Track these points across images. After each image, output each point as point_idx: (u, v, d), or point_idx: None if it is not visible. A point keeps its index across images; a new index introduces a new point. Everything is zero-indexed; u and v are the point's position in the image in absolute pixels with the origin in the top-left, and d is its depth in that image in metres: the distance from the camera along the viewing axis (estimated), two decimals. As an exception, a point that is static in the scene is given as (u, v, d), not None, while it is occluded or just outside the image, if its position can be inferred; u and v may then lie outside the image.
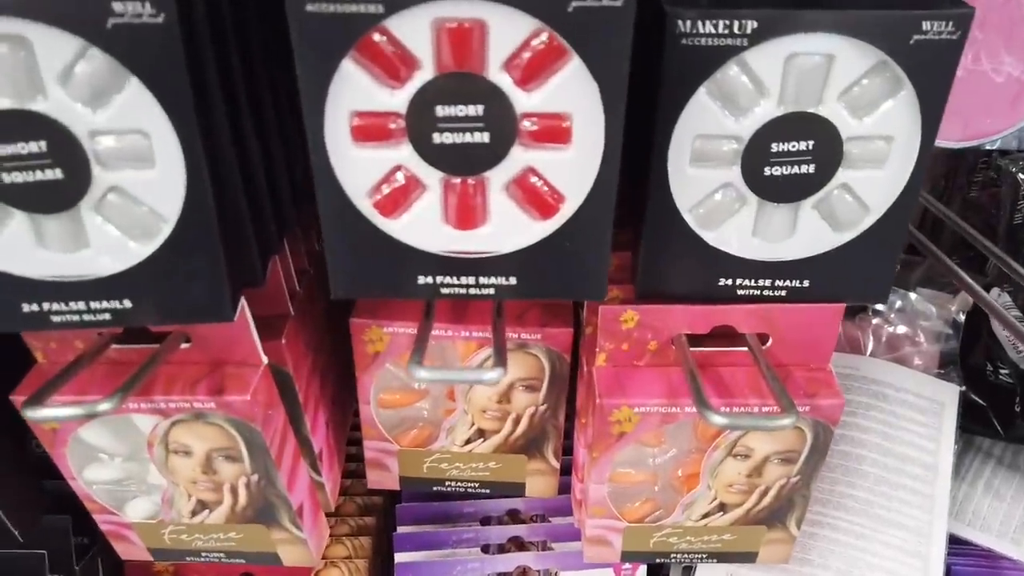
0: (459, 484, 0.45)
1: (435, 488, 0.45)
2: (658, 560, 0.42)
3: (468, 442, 0.43)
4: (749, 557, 0.42)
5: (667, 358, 0.36)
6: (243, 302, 0.32)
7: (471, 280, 0.30)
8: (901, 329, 0.57)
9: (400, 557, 0.49)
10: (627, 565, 0.50)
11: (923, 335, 0.59)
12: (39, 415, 0.29)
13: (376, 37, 0.25)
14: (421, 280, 0.30)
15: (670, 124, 0.29)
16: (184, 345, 0.34)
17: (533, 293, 0.31)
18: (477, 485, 0.45)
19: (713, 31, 0.27)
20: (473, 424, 0.42)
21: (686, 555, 0.42)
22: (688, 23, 0.27)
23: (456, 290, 0.30)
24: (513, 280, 0.30)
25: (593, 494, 0.39)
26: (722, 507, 0.39)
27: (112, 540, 0.41)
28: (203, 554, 0.41)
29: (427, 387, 0.41)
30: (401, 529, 0.51)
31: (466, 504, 0.53)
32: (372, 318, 0.38)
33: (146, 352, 0.35)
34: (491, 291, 0.30)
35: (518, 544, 0.51)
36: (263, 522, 0.39)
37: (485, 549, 0.51)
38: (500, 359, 0.31)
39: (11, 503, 0.39)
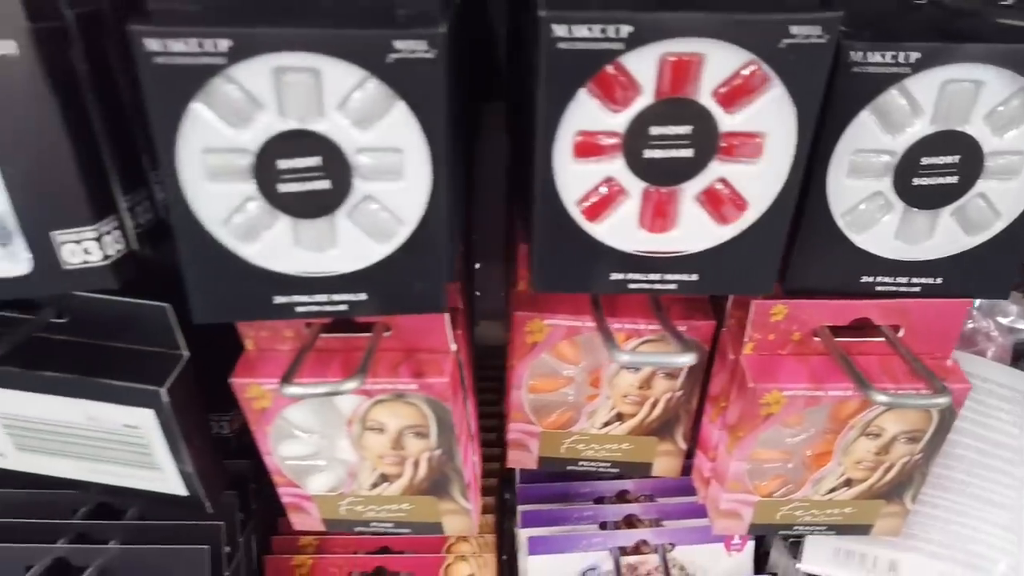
0: (591, 463, 0.49)
1: (568, 468, 0.50)
2: (781, 532, 0.47)
3: (606, 425, 0.47)
4: (864, 529, 0.46)
5: (808, 348, 0.40)
6: (442, 296, 0.37)
7: (656, 277, 0.34)
8: (979, 324, 0.61)
9: (527, 532, 0.53)
10: (736, 540, 0.54)
11: (998, 330, 0.63)
12: (293, 391, 0.34)
13: (610, 70, 0.29)
14: (613, 276, 0.34)
15: (833, 141, 0.34)
16: (384, 334, 0.39)
17: (711, 288, 0.35)
18: (608, 464, 0.49)
19: (881, 60, 0.32)
20: (614, 408, 0.46)
21: (808, 527, 0.46)
22: (860, 54, 0.31)
23: (642, 285, 0.35)
24: (695, 277, 0.34)
25: (733, 470, 0.43)
26: (848, 482, 0.43)
27: (290, 511, 0.46)
28: (372, 524, 0.46)
29: (574, 374, 0.45)
30: (523, 507, 0.55)
31: (582, 485, 0.57)
32: (535, 311, 0.42)
33: (347, 340, 0.39)
34: (673, 286, 0.35)
35: (632, 521, 0.55)
36: (435, 494, 0.43)
37: (603, 526, 0.55)
38: (683, 344, 0.35)
39: (207, 476, 0.43)
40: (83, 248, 0.31)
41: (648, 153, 0.31)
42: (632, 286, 0.35)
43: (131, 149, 0.34)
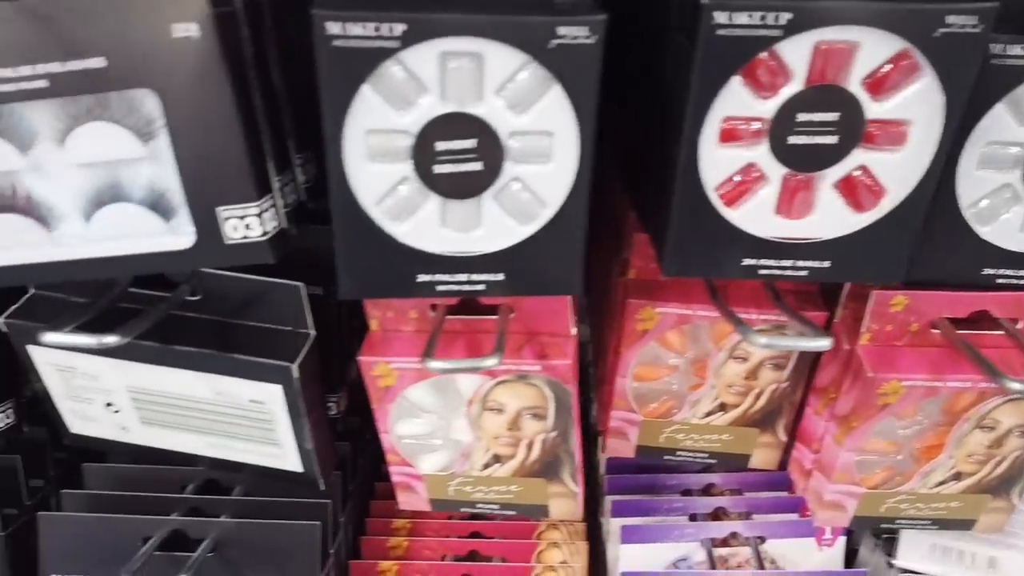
0: (689, 454, 0.50)
1: (665, 458, 0.50)
2: (883, 525, 0.47)
3: (708, 415, 0.48)
4: (967, 525, 0.46)
5: (925, 339, 0.40)
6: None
7: (788, 263, 0.35)
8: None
9: (619, 521, 0.54)
10: (828, 534, 0.54)
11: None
12: (436, 366, 0.35)
13: (764, 56, 0.30)
14: (746, 262, 0.35)
15: (967, 132, 0.34)
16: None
17: (842, 275, 0.35)
18: (706, 455, 0.50)
19: (1021, 53, 0.32)
20: (717, 398, 0.47)
21: (911, 521, 0.46)
22: (1000, 46, 0.32)
23: (773, 272, 0.35)
24: (827, 264, 0.35)
25: (842, 461, 0.43)
26: (957, 476, 0.44)
27: (398, 490, 0.47)
28: (478, 504, 0.47)
29: (679, 363, 0.46)
30: (613, 497, 0.56)
31: (669, 477, 0.57)
32: (648, 299, 0.43)
33: (468, 322, 0.40)
34: (804, 273, 0.35)
35: (719, 514, 0.56)
36: (545, 476, 0.44)
37: (692, 518, 0.55)
38: (814, 329, 0.36)
39: (323, 454, 0.45)
40: (245, 224, 0.33)
41: (792, 139, 0.32)
42: (763, 272, 0.35)
43: (282, 132, 0.35)
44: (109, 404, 0.44)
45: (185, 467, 0.50)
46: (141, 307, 0.40)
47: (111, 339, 0.35)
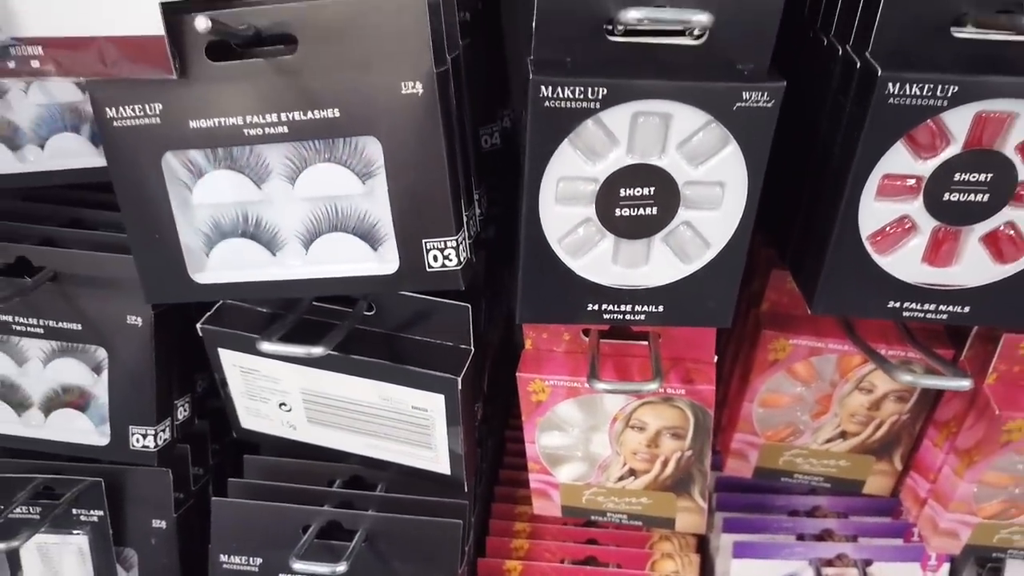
0: (806, 477, 0.53)
1: (782, 479, 0.53)
2: (995, 554, 0.49)
3: (828, 441, 0.50)
4: (1081, 560, 0.48)
5: (1051, 381, 0.43)
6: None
7: (931, 307, 0.38)
8: None
9: (730, 537, 0.57)
10: (932, 560, 0.56)
11: None
12: (601, 386, 0.39)
13: (930, 124, 0.33)
14: (891, 304, 0.38)
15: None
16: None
17: (981, 320, 0.38)
18: (821, 479, 0.53)
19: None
20: (839, 427, 0.49)
21: (1023, 551, 0.48)
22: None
23: (916, 314, 0.38)
24: (967, 309, 0.38)
25: (961, 492, 0.46)
26: (1076, 512, 0.46)
27: (535, 496, 0.51)
28: (608, 514, 0.50)
29: (805, 393, 0.49)
30: (724, 514, 0.59)
31: (777, 498, 0.60)
32: (782, 331, 0.46)
33: (616, 346, 0.44)
34: (944, 316, 0.38)
35: (824, 536, 0.58)
36: (675, 491, 0.48)
37: (799, 537, 0.58)
38: (954, 369, 0.38)
39: (470, 459, 0.49)
40: (444, 254, 0.37)
41: (947, 196, 0.35)
42: (907, 314, 0.38)
43: (469, 173, 0.40)
44: (283, 404, 0.49)
45: (333, 463, 0.55)
46: (323, 319, 0.46)
47: (318, 350, 0.40)
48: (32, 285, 0.46)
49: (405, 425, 0.47)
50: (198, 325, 0.47)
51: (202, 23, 0.31)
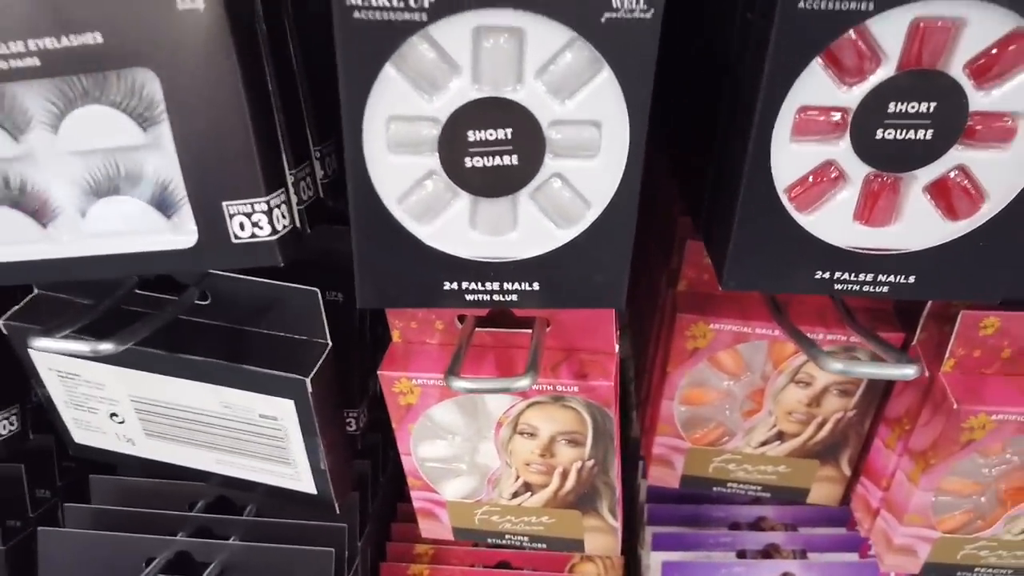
0: (741, 486, 0.45)
1: (715, 489, 0.46)
2: (959, 573, 0.42)
3: (763, 444, 0.43)
4: (1058, 578, 0.41)
5: (1019, 367, 0.35)
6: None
7: (868, 277, 0.30)
8: None
9: (660, 556, 0.49)
10: (892, 580, 0.49)
11: None
12: (460, 385, 0.31)
13: (851, 35, 0.26)
14: (819, 275, 0.30)
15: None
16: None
17: (931, 292, 0.31)
18: (759, 488, 0.45)
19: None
20: (775, 426, 0.42)
21: (991, 570, 0.41)
22: None
23: (851, 286, 0.31)
24: (912, 279, 0.30)
25: (916, 502, 0.38)
26: (1051, 523, 0.38)
27: (420, 517, 0.43)
28: (506, 536, 0.43)
29: (733, 387, 0.41)
30: (654, 528, 0.51)
31: (716, 508, 0.53)
32: (700, 314, 0.39)
33: (499, 336, 0.37)
34: (886, 289, 0.31)
35: (771, 552, 0.51)
36: (580, 508, 0.40)
37: (741, 554, 0.51)
38: (895, 354, 0.31)
39: (338, 475, 0.41)
40: (252, 221, 0.29)
41: (880, 134, 0.27)
42: (839, 287, 0.31)
43: (299, 120, 0.32)
44: (114, 415, 0.41)
45: (196, 483, 0.47)
46: (148, 311, 0.38)
47: (106, 346, 0.31)
48: None
49: (255, 437, 0.39)
50: None
51: None
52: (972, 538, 0.40)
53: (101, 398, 0.41)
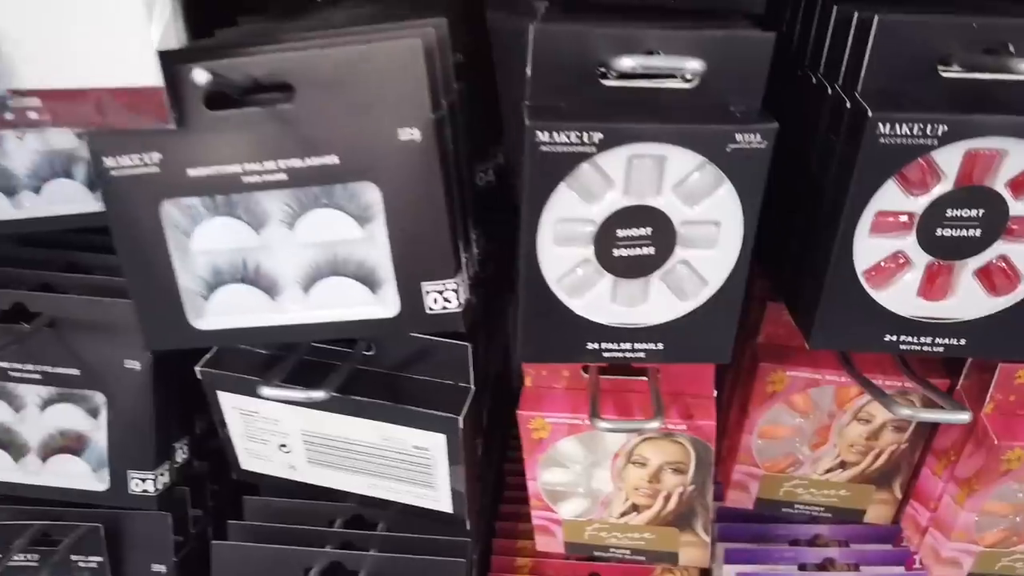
0: (807, 507, 0.53)
1: (783, 510, 0.53)
2: (998, 583, 0.49)
3: (828, 471, 0.50)
4: (1084, 587, 0.48)
5: (1047, 409, 0.43)
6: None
7: (928, 340, 0.38)
8: None
9: (732, 568, 0.57)
10: (938, 591, 0.56)
11: None
12: (604, 426, 0.39)
13: (920, 161, 0.33)
14: (888, 338, 0.38)
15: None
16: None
17: (977, 352, 0.39)
18: (822, 509, 0.53)
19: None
20: (838, 456, 0.49)
21: (1027, 580, 0.48)
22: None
23: (913, 347, 0.39)
24: (963, 342, 0.38)
25: (962, 521, 0.46)
26: (1077, 539, 0.46)
27: (537, 533, 0.51)
28: (611, 550, 0.50)
29: (804, 423, 0.49)
30: (726, 545, 0.59)
31: (777, 527, 0.60)
32: (779, 363, 0.46)
33: (615, 381, 0.44)
34: (940, 349, 0.38)
35: (827, 565, 0.58)
36: (678, 525, 0.48)
37: (802, 567, 0.58)
38: (952, 403, 0.39)
39: (471, 497, 0.49)
40: (444, 297, 0.37)
41: (939, 231, 0.35)
42: (904, 347, 0.38)
43: (466, 215, 0.40)
44: (283, 445, 0.49)
45: (332, 503, 0.55)
46: (314, 358, 0.46)
47: (319, 394, 0.39)
48: (30, 331, 0.46)
49: (406, 465, 0.47)
50: (197, 368, 0.47)
51: (201, 76, 0.31)
52: (1008, 551, 0.47)
53: (274, 432, 0.49)
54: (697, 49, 0.33)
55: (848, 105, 0.34)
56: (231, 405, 0.48)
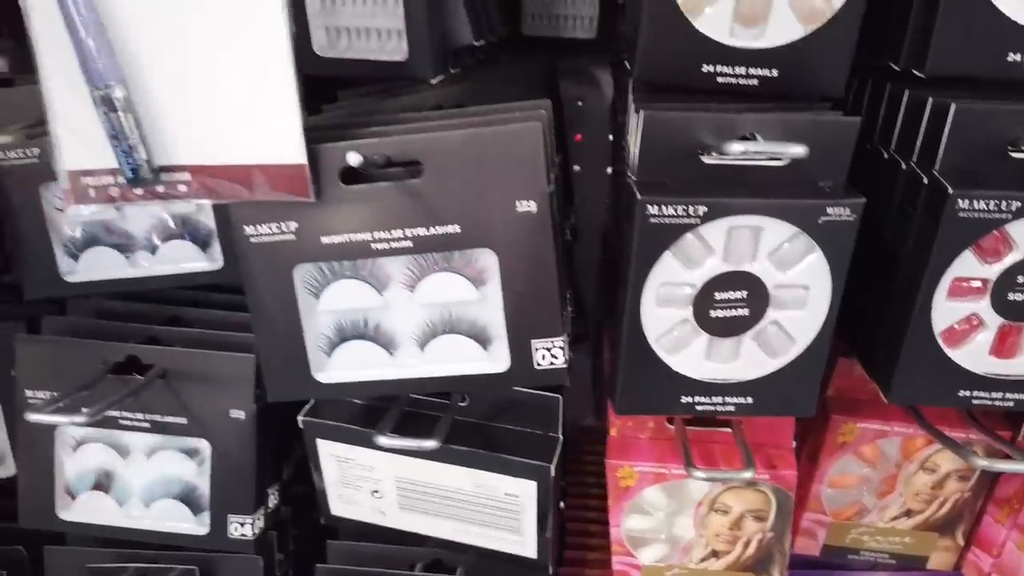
0: (872, 554, 0.55)
1: (849, 556, 0.55)
2: (1061, 630, 0.51)
3: (894, 519, 0.53)
4: None
5: (1109, 460, 0.46)
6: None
7: (999, 395, 0.41)
8: None
9: (797, 614, 0.59)
10: (998, 637, 0.58)
11: None
12: (700, 475, 0.42)
13: (995, 233, 0.37)
14: (962, 393, 0.41)
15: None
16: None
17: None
18: (886, 556, 0.55)
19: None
20: (904, 504, 0.52)
21: (1091, 626, 0.50)
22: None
23: (985, 402, 0.41)
24: (1034, 396, 0.41)
25: (1028, 567, 0.48)
26: None
27: (616, 577, 0.53)
28: (687, 595, 0.52)
29: (871, 473, 0.51)
30: (788, 591, 0.61)
31: (839, 573, 0.62)
32: (849, 416, 0.49)
33: (700, 433, 0.47)
34: (1011, 403, 0.41)
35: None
36: (755, 571, 0.50)
37: (863, 613, 0.60)
38: (1019, 452, 0.41)
39: (555, 543, 0.51)
40: (552, 353, 0.41)
41: (1011, 296, 0.38)
42: (976, 402, 0.41)
43: (564, 277, 0.43)
44: (375, 491, 0.52)
45: (412, 547, 0.57)
46: (409, 408, 0.49)
47: (431, 443, 0.42)
48: (145, 382, 0.49)
49: (495, 511, 0.50)
50: (299, 418, 0.50)
51: (354, 159, 0.35)
52: (1073, 598, 0.49)
53: (368, 478, 0.51)
54: (789, 132, 0.37)
55: (926, 181, 0.38)
56: (328, 452, 0.51)
